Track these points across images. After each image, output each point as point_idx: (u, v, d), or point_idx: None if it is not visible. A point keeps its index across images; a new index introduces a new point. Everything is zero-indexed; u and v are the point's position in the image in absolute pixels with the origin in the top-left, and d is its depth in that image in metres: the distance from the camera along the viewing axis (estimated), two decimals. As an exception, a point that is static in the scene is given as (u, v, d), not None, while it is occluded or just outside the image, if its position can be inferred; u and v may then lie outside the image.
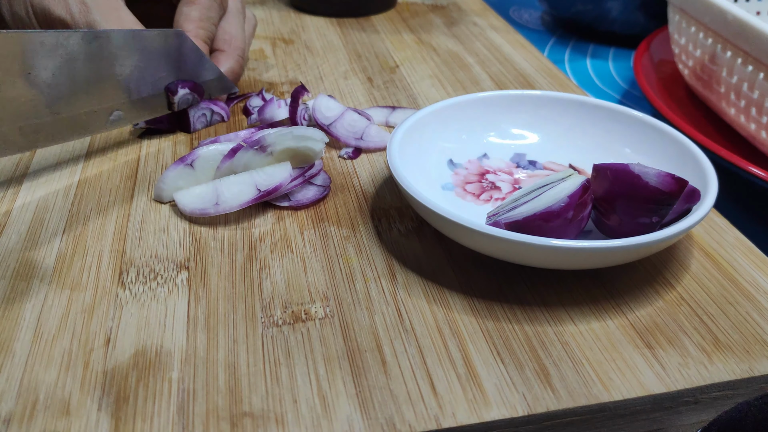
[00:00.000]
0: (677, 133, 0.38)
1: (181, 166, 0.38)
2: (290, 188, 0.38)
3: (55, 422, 0.25)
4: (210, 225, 0.36)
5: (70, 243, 0.35)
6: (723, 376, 0.28)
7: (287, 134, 0.38)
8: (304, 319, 0.30)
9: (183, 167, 0.38)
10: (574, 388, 0.27)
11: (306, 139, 0.38)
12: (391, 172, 0.34)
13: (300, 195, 0.38)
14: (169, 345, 0.29)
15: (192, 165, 0.39)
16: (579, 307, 0.31)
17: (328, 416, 0.26)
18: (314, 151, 0.39)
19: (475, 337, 0.29)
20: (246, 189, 0.37)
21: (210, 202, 0.36)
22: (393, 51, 0.59)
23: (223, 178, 0.37)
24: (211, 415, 0.26)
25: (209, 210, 0.36)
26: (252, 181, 0.37)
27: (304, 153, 0.39)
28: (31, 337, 0.29)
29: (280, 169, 0.37)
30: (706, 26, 0.48)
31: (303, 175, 0.38)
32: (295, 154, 0.39)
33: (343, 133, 0.44)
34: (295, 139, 0.38)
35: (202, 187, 0.37)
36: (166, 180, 0.38)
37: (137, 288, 0.32)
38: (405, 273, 0.33)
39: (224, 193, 0.36)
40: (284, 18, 0.66)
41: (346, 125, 0.44)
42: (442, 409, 0.26)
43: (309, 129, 0.39)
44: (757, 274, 0.34)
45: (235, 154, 0.38)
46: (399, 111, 0.48)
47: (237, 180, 0.37)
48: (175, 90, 0.43)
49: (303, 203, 0.38)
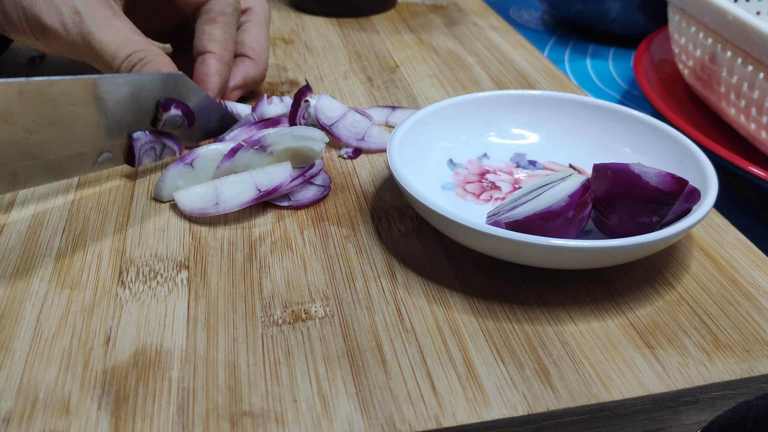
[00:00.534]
0: (677, 133, 0.38)
1: (181, 166, 0.38)
2: (290, 188, 0.38)
3: (54, 421, 0.25)
4: (210, 224, 0.36)
5: (69, 242, 0.35)
6: (723, 375, 0.28)
7: (287, 134, 0.38)
8: (304, 319, 0.30)
9: (183, 166, 0.38)
10: (574, 388, 0.27)
11: (306, 139, 0.38)
12: (391, 172, 0.34)
13: (300, 195, 0.38)
14: (168, 344, 0.29)
15: (192, 164, 0.38)
16: (579, 307, 0.31)
17: (328, 415, 0.26)
18: (314, 151, 0.39)
19: (475, 336, 0.29)
20: (246, 189, 0.37)
21: (210, 202, 0.36)
22: (393, 51, 0.59)
23: (223, 177, 0.37)
24: (211, 414, 0.26)
25: (209, 210, 0.36)
26: (252, 180, 0.37)
27: (304, 153, 0.39)
28: (30, 336, 0.29)
29: (280, 169, 0.37)
30: (706, 26, 0.48)
31: (303, 175, 0.38)
32: (295, 154, 0.39)
33: (344, 134, 0.44)
34: (296, 139, 0.38)
35: (202, 186, 0.37)
36: (165, 179, 0.38)
37: (137, 287, 0.32)
38: (405, 273, 0.33)
39: (224, 193, 0.36)
40: (284, 18, 0.66)
41: (347, 126, 0.44)
42: (442, 409, 0.26)
43: (309, 129, 0.39)
44: (757, 274, 0.34)
45: (235, 154, 0.38)
46: (399, 111, 0.48)
47: (237, 180, 0.37)
48: (168, 107, 0.40)
49: (303, 203, 0.38)
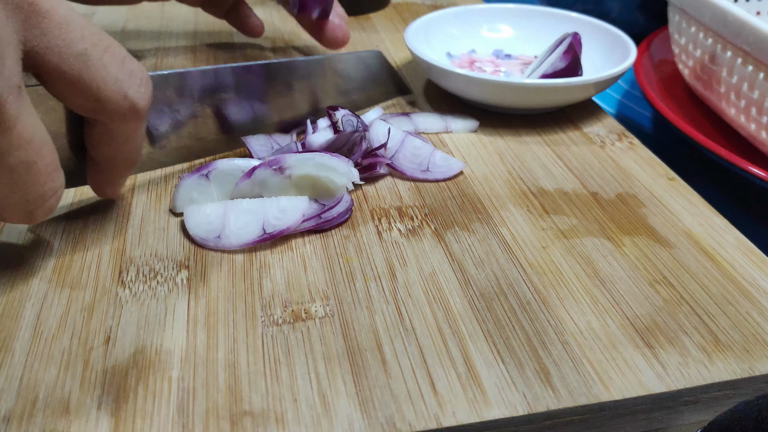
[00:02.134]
0: (609, 26, 0.52)
1: (197, 176, 0.36)
2: (299, 230, 0.35)
3: (54, 421, 0.25)
4: (210, 224, 0.36)
5: (69, 242, 0.35)
6: (723, 375, 0.28)
7: (309, 159, 0.36)
8: (304, 318, 0.30)
9: (198, 177, 0.36)
10: (574, 388, 0.27)
11: (328, 169, 0.35)
12: (414, 54, 0.47)
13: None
14: (169, 344, 0.29)
15: (207, 176, 0.37)
16: (579, 307, 0.31)
17: (328, 415, 0.26)
18: (336, 185, 0.36)
19: (475, 336, 0.29)
20: (252, 224, 0.35)
21: (213, 233, 0.35)
22: (393, 51, 0.59)
23: (237, 200, 0.36)
24: (211, 414, 0.26)
25: (209, 242, 0.34)
26: (262, 214, 0.35)
27: (325, 185, 0.36)
28: (30, 335, 0.29)
29: (295, 205, 0.35)
30: (706, 26, 0.48)
31: (319, 216, 0.35)
32: (315, 184, 0.36)
33: (407, 166, 0.39)
34: (317, 166, 0.35)
35: (213, 206, 0.36)
36: (180, 190, 0.36)
37: (137, 287, 0.32)
38: (405, 273, 0.33)
39: (230, 224, 0.35)
40: (284, 18, 0.66)
41: (408, 156, 0.40)
42: (443, 409, 0.26)
43: (335, 158, 0.36)
44: (757, 274, 0.34)
45: (254, 173, 0.36)
46: (450, 117, 0.47)
47: (248, 208, 0.35)
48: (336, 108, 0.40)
49: (321, 227, 0.36)
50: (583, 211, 0.38)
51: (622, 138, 0.46)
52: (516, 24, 0.57)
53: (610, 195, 0.39)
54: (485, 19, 0.57)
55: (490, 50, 0.56)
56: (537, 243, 0.35)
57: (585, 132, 0.47)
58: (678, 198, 0.39)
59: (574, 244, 0.35)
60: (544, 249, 0.35)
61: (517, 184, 0.40)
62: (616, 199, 0.39)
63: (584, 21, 0.54)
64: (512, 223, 0.37)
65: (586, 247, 0.35)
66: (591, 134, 0.46)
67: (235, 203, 0.36)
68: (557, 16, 0.56)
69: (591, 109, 0.50)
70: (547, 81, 0.44)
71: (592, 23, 0.54)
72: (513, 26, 0.57)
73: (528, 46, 0.56)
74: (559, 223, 0.37)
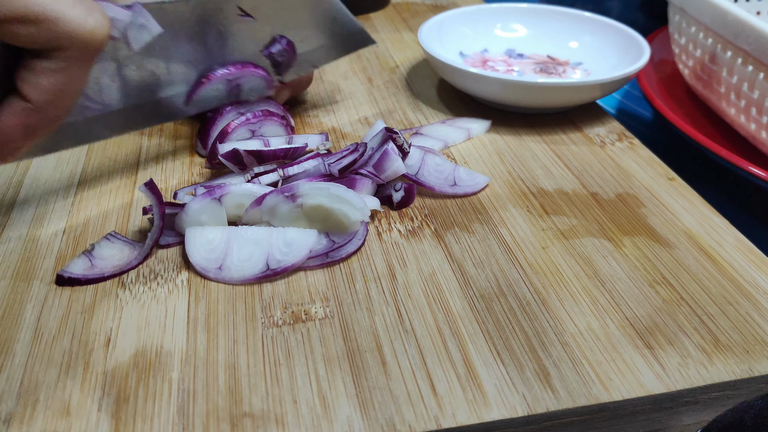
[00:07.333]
0: (620, 24, 0.53)
1: (209, 200, 0.34)
2: (304, 267, 0.33)
3: (55, 423, 0.25)
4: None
5: (70, 243, 0.35)
6: (723, 376, 0.28)
7: (323, 190, 0.34)
8: (304, 320, 0.30)
9: (210, 201, 0.34)
10: (574, 389, 0.27)
11: (342, 201, 0.33)
12: (427, 52, 0.48)
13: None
14: (169, 345, 0.29)
15: (220, 200, 0.34)
16: (579, 308, 0.31)
17: (328, 417, 0.26)
18: (349, 220, 0.34)
19: (475, 337, 0.29)
20: (256, 258, 0.33)
21: (214, 263, 0.33)
22: (393, 51, 0.59)
23: (241, 227, 0.34)
24: (211, 415, 0.26)
25: (209, 273, 0.33)
26: (267, 247, 0.33)
27: (337, 218, 0.34)
28: (31, 337, 0.29)
29: (303, 239, 0.33)
30: (706, 26, 0.48)
31: (325, 254, 0.33)
32: (327, 217, 0.34)
33: (435, 182, 0.39)
34: (330, 198, 0.33)
35: (216, 231, 0.34)
36: (189, 212, 0.34)
37: (137, 288, 0.32)
38: (405, 273, 0.33)
39: (232, 255, 0.33)
40: None
41: (432, 171, 0.39)
42: (442, 410, 0.26)
43: (350, 192, 0.34)
44: (757, 274, 0.34)
45: (264, 200, 0.34)
46: (461, 120, 0.47)
47: (252, 237, 0.33)
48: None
49: (333, 260, 0.34)
50: (583, 211, 0.38)
51: (622, 138, 0.46)
52: (529, 23, 0.57)
53: (610, 195, 0.39)
54: (498, 19, 0.57)
55: (502, 49, 0.57)
56: (537, 243, 0.35)
57: (585, 132, 0.47)
58: (678, 198, 0.39)
59: (574, 244, 0.35)
60: (543, 249, 0.35)
61: (516, 185, 0.40)
62: (616, 199, 0.39)
63: (599, 21, 0.54)
64: (512, 224, 0.37)
65: (586, 247, 0.35)
66: (591, 134, 0.46)
67: (239, 231, 0.34)
68: (571, 16, 0.56)
69: (591, 109, 0.49)
70: (562, 80, 0.45)
71: (607, 23, 0.54)
72: (526, 25, 0.58)
73: (541, 45, 0.56)
74: (558, 223, 0.37)
